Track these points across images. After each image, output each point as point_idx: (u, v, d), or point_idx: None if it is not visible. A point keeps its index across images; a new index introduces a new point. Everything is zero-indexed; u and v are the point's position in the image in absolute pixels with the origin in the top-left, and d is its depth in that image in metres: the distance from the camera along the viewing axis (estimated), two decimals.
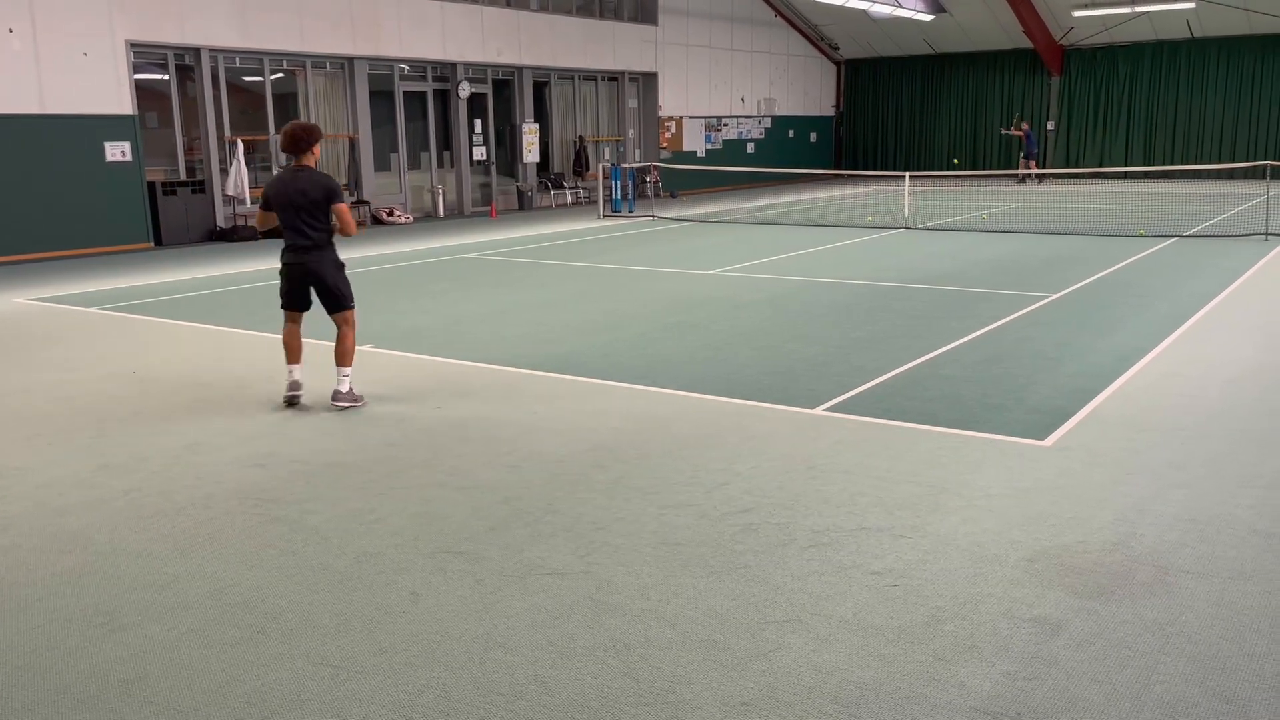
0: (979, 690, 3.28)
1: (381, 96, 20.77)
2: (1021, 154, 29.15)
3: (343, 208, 6.62)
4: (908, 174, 19.65)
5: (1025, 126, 28.82)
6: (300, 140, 6.53)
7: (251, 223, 18.21)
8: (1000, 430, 6.00)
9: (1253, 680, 3.32)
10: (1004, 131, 30.03)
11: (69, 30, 15.62)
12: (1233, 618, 3.72)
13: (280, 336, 7.06)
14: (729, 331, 9.00)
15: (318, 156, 6.69)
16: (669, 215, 20.92)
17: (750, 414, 6.46)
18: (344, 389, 6.69)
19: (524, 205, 23.58)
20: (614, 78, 25.80)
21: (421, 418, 6.52)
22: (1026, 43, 29.74)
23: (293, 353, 6.86)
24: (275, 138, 18.72)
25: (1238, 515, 4.67)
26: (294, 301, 6.80)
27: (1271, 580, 4.01)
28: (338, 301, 6.73)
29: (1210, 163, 27.98)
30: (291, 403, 6.79)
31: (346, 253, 14.85)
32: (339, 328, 6.76)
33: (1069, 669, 3.40)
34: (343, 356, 6.72)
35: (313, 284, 6.72)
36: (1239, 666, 3.39)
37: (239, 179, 17.62)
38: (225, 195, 17.93)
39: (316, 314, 6.95)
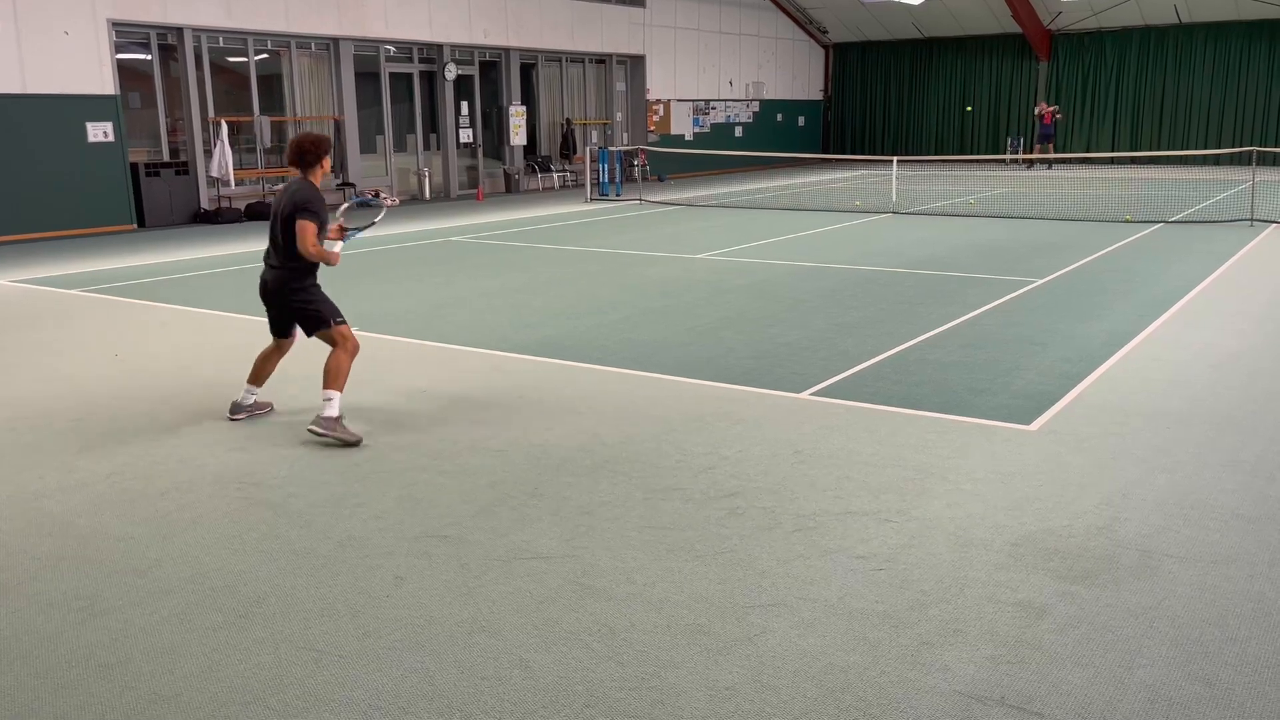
0: (963, 674, 3.28)
1: (367, 78, 20.62)
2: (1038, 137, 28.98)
3: (303, 225, 5.56)
4: (895, 158, 19.59)
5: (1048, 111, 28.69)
6: (305, 153, 5.71)
7: (236, 204, 18.10)
8: (986, 415, 6.00)
9: (1235, 664, 3.33)
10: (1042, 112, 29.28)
11: (50, 9, 15.44)
12: (1215, 602, 3.74)
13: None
14: (715, 316, 8.98)
15: (326, 170, 5.81)
16: (656, 199, 20.86)
17: (736, 398, 6.45)
18: (325, 413, 5.65)
19: (510, 188, 23.48)
20: (601, 60, 25.68)
21: (405, 402, 6.49)
22: (1015, 27, 29.70)
23: (254, 371, 6.14)
24: (260, 119, 18.58)
25: (1221, 500, 4.68)
26: (272, 326, 6.06)
27: (1254, 565, 4.03)
28: (309, 324, 5.87)
29: (1196, 148, 28.05)
30: (234, 419, 6.12)
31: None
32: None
33: (1052, 653, 3.40)
34: (325, 376, 5.73)
35: (278, 307, 5.93)
36: (1221, 650, 3.41)
37: (223, 160, 17.48)
38: (209, 177, 17.79)
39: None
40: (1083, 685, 3.22)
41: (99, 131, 16.20)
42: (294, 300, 5.82)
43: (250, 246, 14.33)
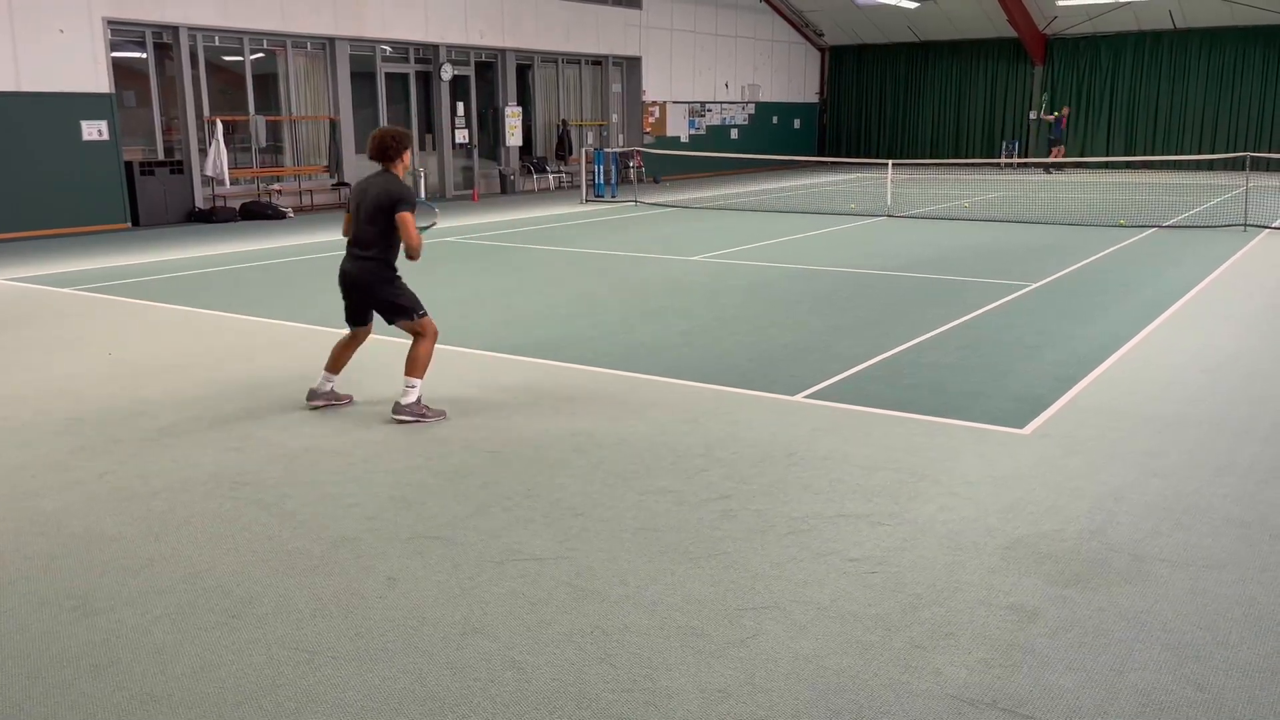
0: (955, 677, 3.29)
1: (363, 78, 20.59)
2: (1051, 138, 28.98)
3: (405, 217, 5.85)
4: (890, 161, 19.60)
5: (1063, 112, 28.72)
6: (388, 148, 5.96)
7: (231, 204, 18.07)
8: (979, 418, 6.01)
9: (1226, 668, 3.34)
10: (1043, 118, 29.40)
11: (45, 7, 15.40)
12: (1207, 606, 3.75)
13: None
14: (710, 318, 8.99)
15: (407, 165, 6.09)
16: (652, 200, 20.87)
17: (730, 400, 6.46)
18: (404, 400, 6.05)
19: (506, 189, 23.46)
20: (598, 61, 25.68)
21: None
22: (1010, 31, 29.75)
23: (332, 359, 6.35)
24: (255, 118, 18.56)
25: (1214, 504, 4.70)
26: (350, 316, 6.28)
27: (1246, 569, 4.04)
28: (392, 314, 6.13)
29: (1190, 153, 28.12)
30: (314, 408, 6.34)
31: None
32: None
33: (1044, 656, 3.41)
34: (408, 364, 6.08)
35: (360, 297, 6.17)
36: (1212, 654, 3.42)
37: (218, 160, 17.45)
38: (204, 176, 17.76)
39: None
40: (1074, 689, 3.22)
41: (94, 130, 16.17)
42: (382, 291, 6.08)
43: (246, 246, 14.30)
